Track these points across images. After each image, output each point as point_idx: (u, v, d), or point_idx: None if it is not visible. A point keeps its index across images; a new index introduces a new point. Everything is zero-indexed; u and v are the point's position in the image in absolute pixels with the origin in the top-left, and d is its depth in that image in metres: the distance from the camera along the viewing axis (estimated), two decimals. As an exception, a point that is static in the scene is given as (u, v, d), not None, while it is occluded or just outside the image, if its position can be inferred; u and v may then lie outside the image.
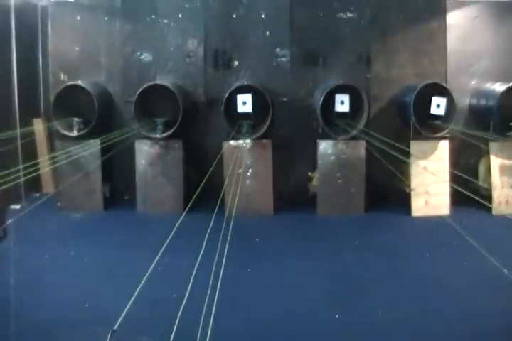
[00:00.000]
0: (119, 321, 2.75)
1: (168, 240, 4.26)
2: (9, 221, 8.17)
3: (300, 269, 7.10)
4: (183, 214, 5.23)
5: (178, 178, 9.57)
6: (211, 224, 5.08)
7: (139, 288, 3.46)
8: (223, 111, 9.33)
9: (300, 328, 5.51)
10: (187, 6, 9.98)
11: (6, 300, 6.09)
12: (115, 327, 2.09)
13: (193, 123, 9.84)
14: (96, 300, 6.07)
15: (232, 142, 9.43)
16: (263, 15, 9.93)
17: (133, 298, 3.17)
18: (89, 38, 10.09)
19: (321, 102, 9.16)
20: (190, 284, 3.86)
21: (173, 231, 4.58)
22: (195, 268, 4.08)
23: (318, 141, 9.46)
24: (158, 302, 5.71)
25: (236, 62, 10.05)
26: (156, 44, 10.04)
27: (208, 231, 4.81)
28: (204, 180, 6.54)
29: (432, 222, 9.00)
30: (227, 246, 4.68)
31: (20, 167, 6.43)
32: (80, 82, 9.62)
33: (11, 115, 9.89)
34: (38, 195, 10.44)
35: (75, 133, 9.55)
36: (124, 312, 2.87)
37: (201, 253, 4.27)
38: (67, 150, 8.89)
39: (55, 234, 8.67)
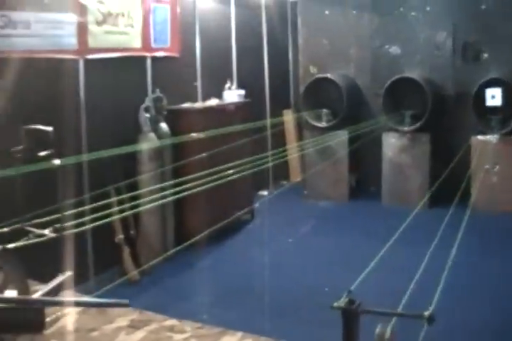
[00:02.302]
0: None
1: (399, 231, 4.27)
2: (256, 204, 8.79)
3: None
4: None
5: (424, 172, 9.46)
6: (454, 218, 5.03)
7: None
8: (472, 105, 9.11)
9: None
10: (435, -2, 9.83)
11: (252, 279, 6.50)
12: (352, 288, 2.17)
13: (440, 116, 9.67)
14: (335, 285, 6.23)
15: (480, 137, 9.17)
16: (515, 7, 9.49)
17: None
18: (337, 32, 10.32)
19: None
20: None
21: (407, 223, 4.58)
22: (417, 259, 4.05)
23: None
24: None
25: (485, 55, 9.70)
26: (404, 37, 9.99)
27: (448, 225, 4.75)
28: (445, 173, 6.46)
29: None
30: (457, 241, 4.60)
31: (269, 154, 6.74)
32: (329, 75, 9.87)
33: (263, 106, 10.44)
34: (285, 182, 10.87)
35: (323, 124, 9.84)
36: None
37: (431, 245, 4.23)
38: (315, 139, 9.18)
39: (300, 220, 9.05)
